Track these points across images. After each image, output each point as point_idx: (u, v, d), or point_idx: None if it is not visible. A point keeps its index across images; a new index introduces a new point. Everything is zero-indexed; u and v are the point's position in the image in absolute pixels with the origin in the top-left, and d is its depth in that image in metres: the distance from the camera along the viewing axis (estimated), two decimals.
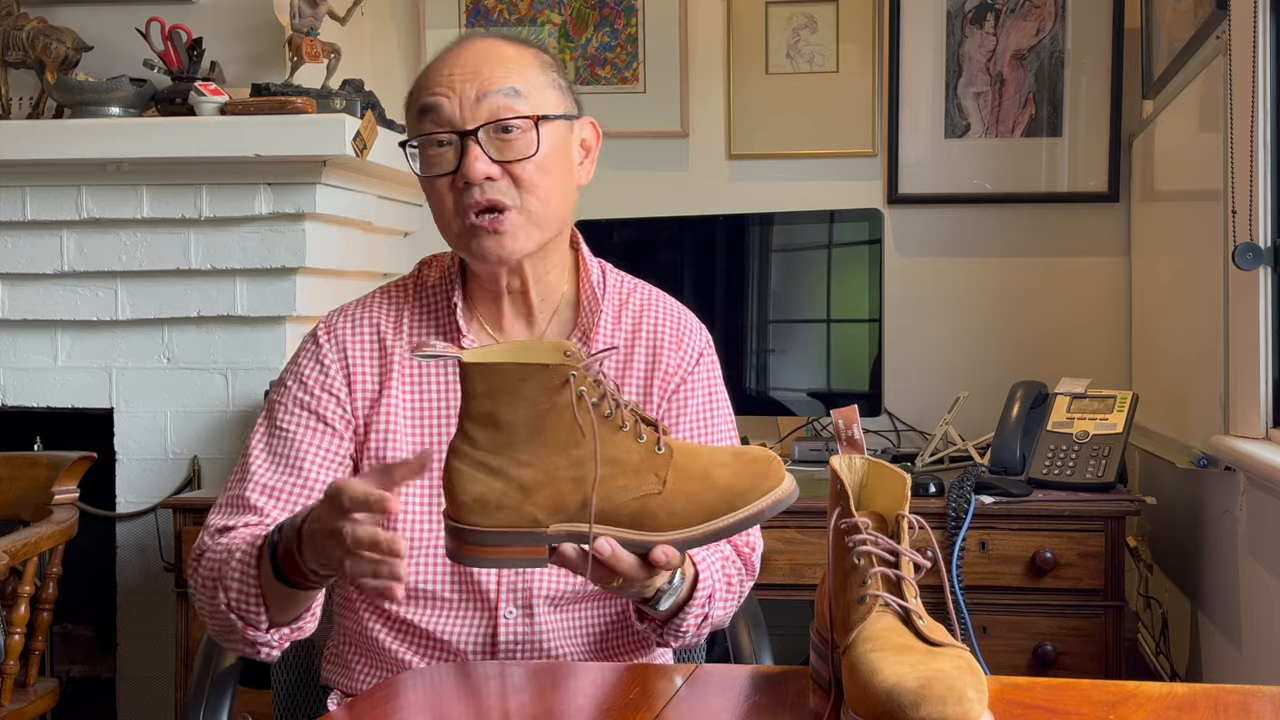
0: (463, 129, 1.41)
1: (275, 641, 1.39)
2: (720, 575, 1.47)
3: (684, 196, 3.19)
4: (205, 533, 1.45)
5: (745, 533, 1.55)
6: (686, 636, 1.44)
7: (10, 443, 2.87)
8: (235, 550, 1.37)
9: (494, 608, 1.47)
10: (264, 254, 2.80)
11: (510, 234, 1.44)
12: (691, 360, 1.56)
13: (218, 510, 1.48)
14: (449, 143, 1.43)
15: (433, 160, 1.44)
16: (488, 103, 1.41)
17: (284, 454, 1.48)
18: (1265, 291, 1.99)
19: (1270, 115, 1.97)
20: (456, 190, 1.43)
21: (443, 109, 1.42)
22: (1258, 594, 2.03)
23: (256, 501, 1.45)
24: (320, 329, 1.55)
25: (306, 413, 1.49)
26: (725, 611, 1.50)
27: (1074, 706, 1.12)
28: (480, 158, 1.41)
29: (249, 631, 1.37)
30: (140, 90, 2.84)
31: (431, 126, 1.43)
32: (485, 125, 1.41)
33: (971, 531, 2.35)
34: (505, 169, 1.42)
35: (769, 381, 2.92)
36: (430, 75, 1.45)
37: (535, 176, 1.43)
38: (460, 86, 1.42)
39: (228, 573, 1.36)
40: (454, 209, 1.44)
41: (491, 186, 1.42)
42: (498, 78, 1.42)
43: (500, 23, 3.24)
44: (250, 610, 1.36)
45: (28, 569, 2.42)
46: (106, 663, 3.10)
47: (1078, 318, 3.09)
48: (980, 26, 3.08)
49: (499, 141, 1.42)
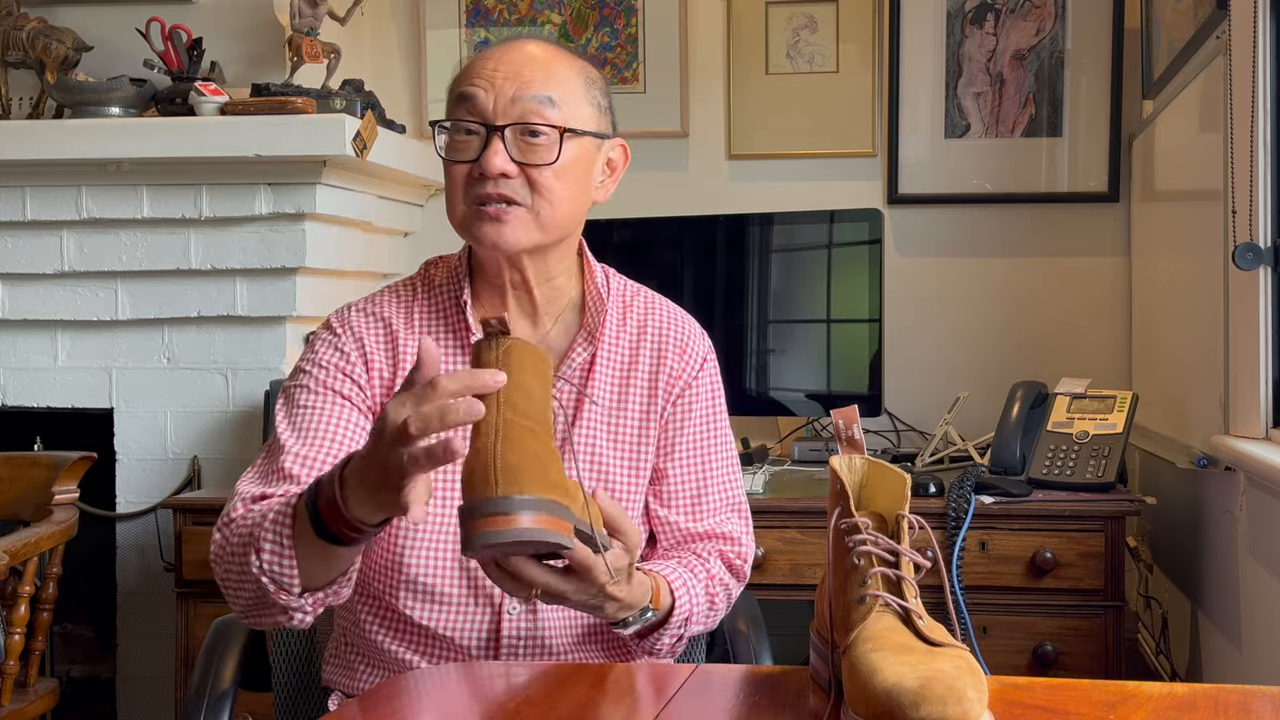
0: (491, 123, 1.45)
1: (309, 606, 1.35)
2: (703, 598, 1.50)
3: (684, 196, 3.19)
4: (236, 500, 1.42)
5: (738, 544, 1.58)
6: (660, 654, 1.48)
7: (10, 443, 2.87)
8: (269, 512, 1.33)
9: (497, 604, 1.48)
10: (264, 254, 2.80)
11: (511, 225, 1.46)
12: (695, 365, 1.59)
13: (247, 479, 1.45)
14: (477, 133, 1.46)
15: (458, 145, 1.47)
16: (521, 105, 1.44)
17: (312, 428, 1.46)
18: (1265, 291, 1.99)
19: (1270, 115, 1.97)
20: (472, 178, 1.46)
21: (478, 100, 1.45)
22: (1258, 594, 2.03)
23: (293, 469, 1.42)
24: (334, 319, 1.55)
25: (329, 391, 1.49)
26: (705, 627, 1.54)
27: (1074, 706, 1.12)
28: (500, 153, 1.44)
29: (281, 595, 1.33)
30: (140, 90, 2.84)
31: (464, 114, 1.46)
32: (513, 125, 1.44)
33: (971, 531, 2.35)
34: (523, 169, 1.45)
35: (769, 381, 2.92)
36: (475, 65, 1.48)
37: (550, 182, 1.46)
38: (500, 83, 1.45)
39: (260, 534, 1.32)
40: (464, 193, 1.47)
41: (505, 183, 1.44)
42: (537, 83, 1.45)
43: (500, 23, 3.24)
44: (284, 573, 1.31)
45: (28, 569, 2.42)
46: (106, 663, 3.10)
47: (1078, 318, 3.09)
48: (980, 26, 3.08)
49: (523, 143, 1.45)
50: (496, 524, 1.12)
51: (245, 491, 1.43)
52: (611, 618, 1.37)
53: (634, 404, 1.55)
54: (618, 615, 1.36)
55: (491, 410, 1.15)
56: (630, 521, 1.31)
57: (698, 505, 1.57)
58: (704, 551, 1.55)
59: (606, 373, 1.54)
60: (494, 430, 1.15)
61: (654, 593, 1.41)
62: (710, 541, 1.56)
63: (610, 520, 1.29)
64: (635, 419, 1.55)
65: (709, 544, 1.56)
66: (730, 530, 1.58)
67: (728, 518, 1.59)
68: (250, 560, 1.33)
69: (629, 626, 1.39)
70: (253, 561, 1.32)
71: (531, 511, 1.13)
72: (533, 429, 1.17)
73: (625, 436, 1.54)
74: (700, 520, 1.56)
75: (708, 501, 1.57)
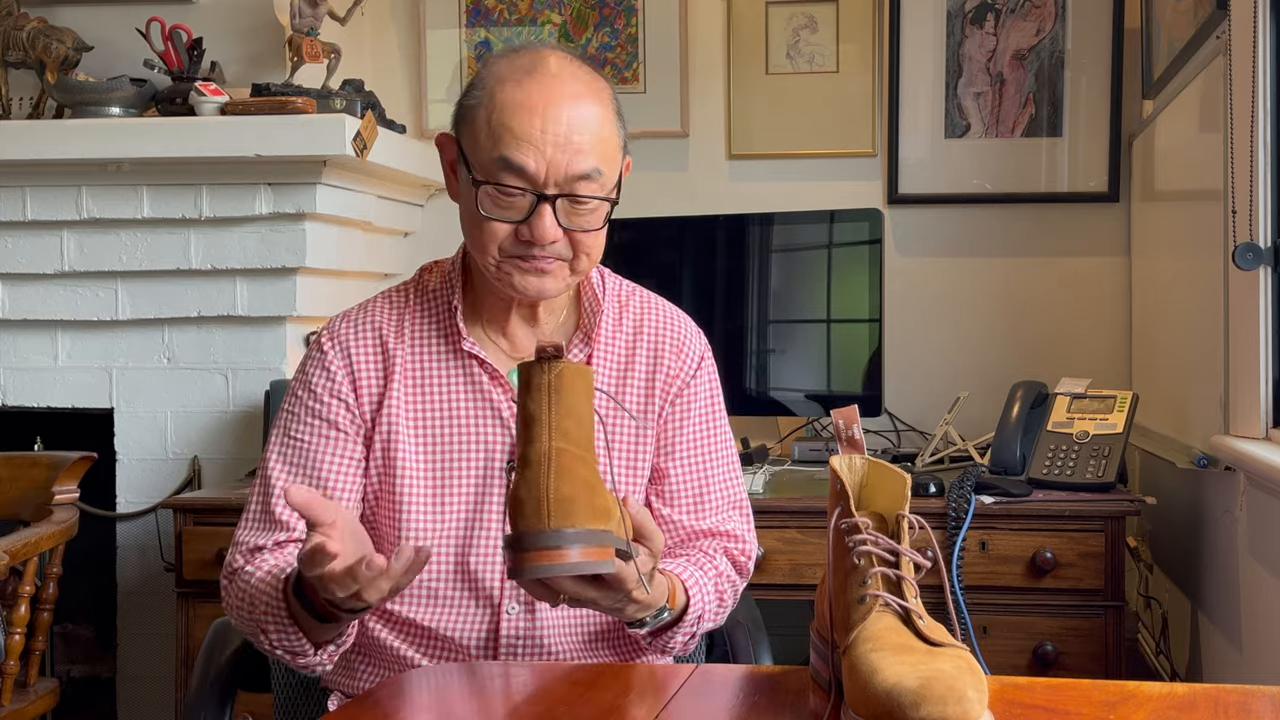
0: (543, 193, 1.42)
1: (325, 660, 1.42)
2: (713, 595, 1.50)
3: (684, 196, 3.19)
4: (236, 550, 1.48)
5: (741, 541, 1.59)
6: (673, 651, 1.49)
7: (10, 443, 2.87)
8: (264, 589, 1.39)
9: (496, 604, 1.48)
10: (264, 254, 2.80)
11: (553, 276, 1.47)
12: (693, 364, 1.59)
13: (245, 526, 1.50)
14: (522, 193, 1.43)
15: (502, 205, 1.43)
16: (572, 179, 1.42)
17: (300, 463, 1.51)
18: (1265, 291, 1.99)
19: (1270, 115, 1.97)
20: (518, 240, 1.44)
21: (528, 170, 1.41)
22: (1258, 594, 2.03)
23: (281, 515, 1.48)
24: (324, 335, 1.56)
25: (318, 420, 1.51)
26: (714, 623, 1.54)
27: (1074, 706, 1.12)
28: (553, 224, 1.42)
29: (298, 660, 1.40)
30: (140, 90, 2.84)
31: (513, 180, 1.42)
32: (564, 196, 1.43)
33: (971, 531, 2.35)
34: (567, 233, 1.45)
35: (769, 381, 2.92)
36: (516, 118, 1.41)
37: (591, 242, 1.47)
38: (550, 152, 1.41)
39: (259, 617, 1.39)
40: (501, 247, 1.45)
41: (551, 246, 1.44)
42: (585, 152, 1.42)
43: (500, 23, 3.24)
44: (294, 645, 1.38)
45: (28, 569, 2.42)
46: (106, 663, 3.10)
47: (1078, 318, 3.08)
48: (980, 26, 3.08)
49: (571, 210, 1.44)
50: (548, 558, 1.16)
51: (243, 541, 1.49)
52: (630, 618, 1.37)
53: (631, 403, 1.55)
54: (636, 616, 1.37)
55: (543, 437, 1.19)
56: (655, 526, 1.31)
57: (700, 503, 1.57)
58: (710, 549, 1.56)
59: (603, 372, 1.55)
60: (546, 460, 1.18)
61: (670, 593, 1.41)
62: (714, 539, 1.57)
63: (638, 526, 1.29)
64: (632, 419, 1.55)
65: (713, 541, 1.57)
66: (733, 528, 1.58)
67: (729, 515, 1.59)
68: (260, 640, 1.40)
69: (644, 627, 1.40)
70: (262, 641, 1.40)
71: (582, 545, 1.17)
72: (583, 456, 1.20)
73: (623, 436, 1.54)
74: (703, 518, 1.57)
75: (710, 499, 1.58)
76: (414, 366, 1.52)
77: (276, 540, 1.47)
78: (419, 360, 1.52)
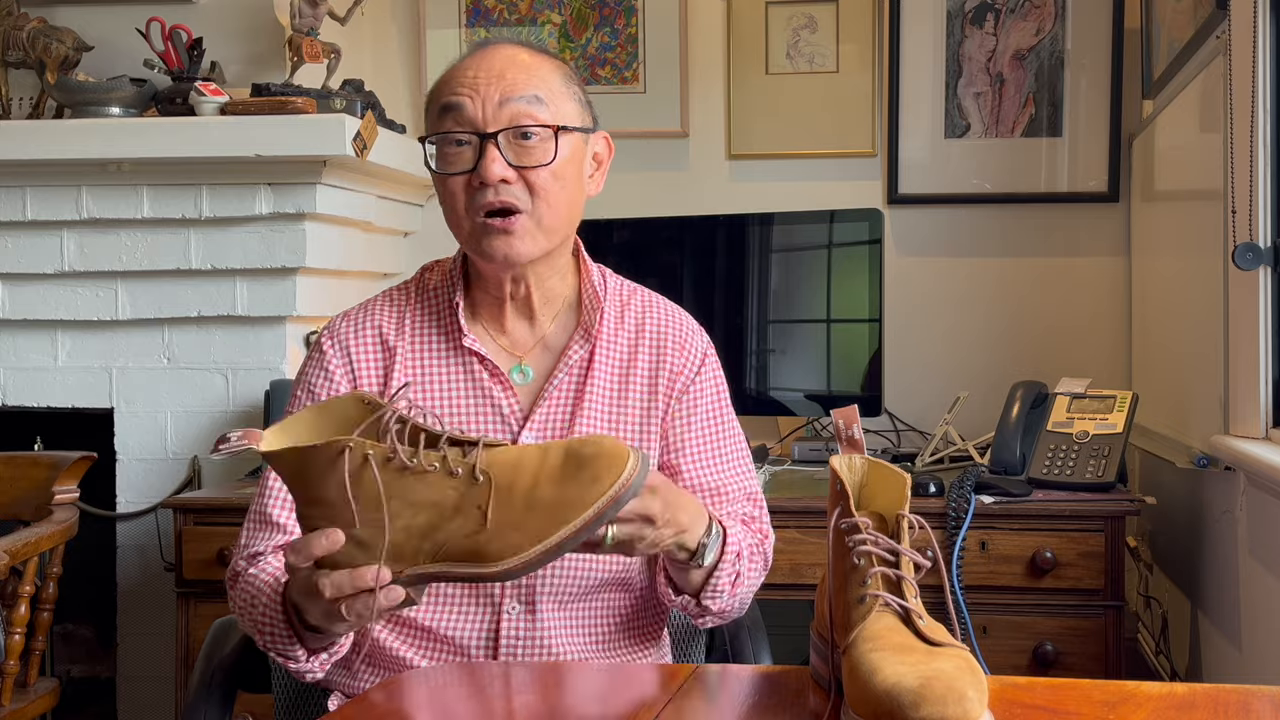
0: (483, 131, 1.44)
1: (317, 667, 1.42)
2: (745, 535, 1.51)
3: (684, 196, 3.19)
4: (238, 553, 1.49)
5: (759, 522, 1.58)
6: (723, 597, 1.47)
7: (10, 443, 2.87)
8: (261, 596, 1.40)
9: (497, 604, 1.48)
10: (264, 254, 2.81)
11: (519, 236, 1.46)
12: (696, 362, 1.59)
13: (246, 528, 1.52)
14: (468, 142, 1.45)
15: (450, 158, 1.46)
16: (510, 108, 1.44)
17: None
18: (1265, 291, 1.99)
19: (1270, 115, 1.97)
20: (471, 190, 1.45)
21: (465, 109, 1.44)
22: (1258, 594, 2.03)
23: (278, 518, 1.49)
24: (324, 335, 1.57)
25: None
26: (753, 578, 1.53)
27: (1074, 706, 1.12)
28: (498, 160, 1.43)
29: (290, 665, 1.41)
30: (140, 90, 2.84)
31: (453, 125, 1.45)
32: (506, 130, 1.44)
33: (971, 531, 2.35)
34: (520, 174, 1.45)
35: (769, 381, 2.92)
36: (454, 75, 1.47)
37: (549, 183, 1.46)
38: (484, 89, 1.44)
39: (257, 618, 1.40)
40: (466, 207, 1.46)
41: (505, 189, 1.44)
42: (521, 84, 1.44)
43: (500, 23, 3.24)
44: (288, 652, 1.39)
45: (28, 569, 2.42)
46: (106, 663, 3.10)
47: (1078, 318, 3.09)
48: (980, 26, 3.08)
49: (517, 146, 1.45)
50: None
51: (244, 544, 1.50)
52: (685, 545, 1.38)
53: (634, 402, 1.55)
54: (687, 542, 1.38)
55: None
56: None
57: (716, 499, 1.57)
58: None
59: (605, 370, 1.55)
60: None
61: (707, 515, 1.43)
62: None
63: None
64: (635, 416, 1.55)
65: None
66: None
67: (744, 507, 1.59)
68: (258, 639, 1.41)
69: (707, 554, 1.40)
70: (260, 641, 1.41)
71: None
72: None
73: (625, 434, 1.54)
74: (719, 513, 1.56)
75: (725, 494, 1.58)
76: (415, 363, 1.53)
77: (274, 544, 1.48)
78: (420, 357, 1.53)
